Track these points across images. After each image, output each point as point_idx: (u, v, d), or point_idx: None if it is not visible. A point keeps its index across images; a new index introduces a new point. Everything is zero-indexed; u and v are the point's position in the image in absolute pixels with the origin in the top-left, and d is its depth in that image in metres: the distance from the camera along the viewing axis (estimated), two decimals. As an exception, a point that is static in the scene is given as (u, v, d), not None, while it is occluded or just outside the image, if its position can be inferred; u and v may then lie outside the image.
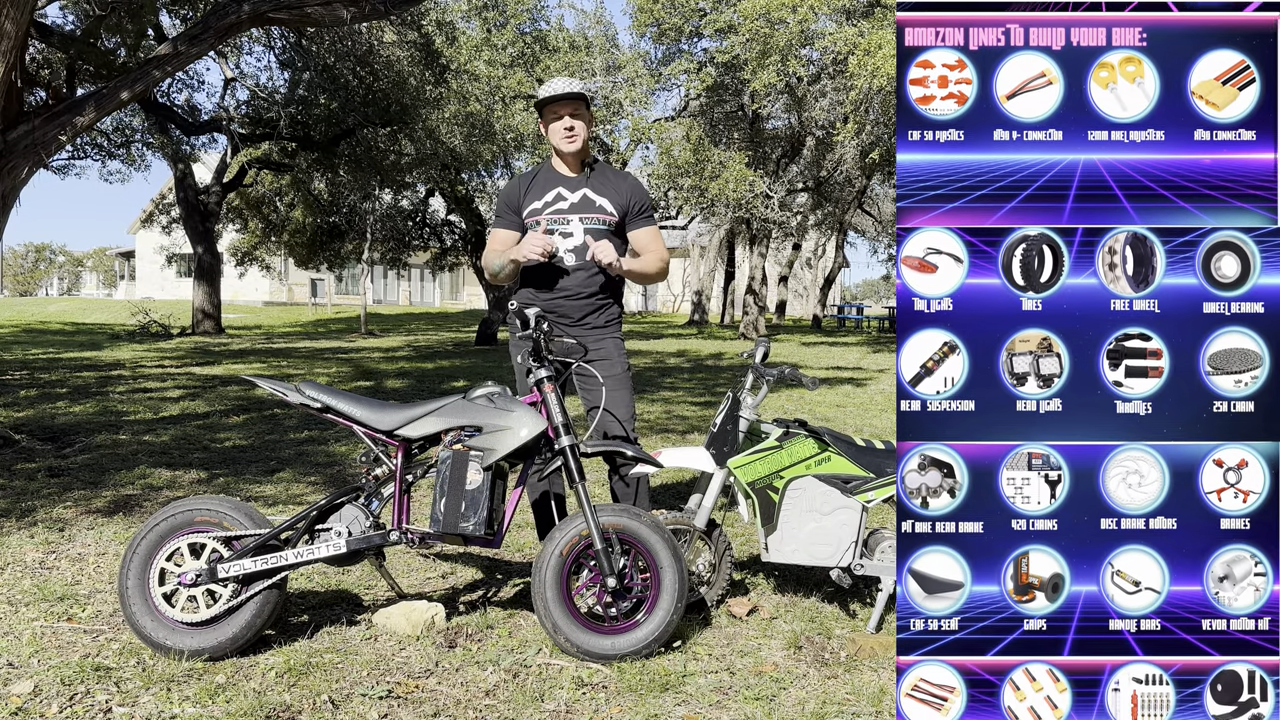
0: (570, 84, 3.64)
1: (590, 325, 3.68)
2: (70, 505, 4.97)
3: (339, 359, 14.71)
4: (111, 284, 61.47)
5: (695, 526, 3.56)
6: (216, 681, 2.85)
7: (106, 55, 10.40)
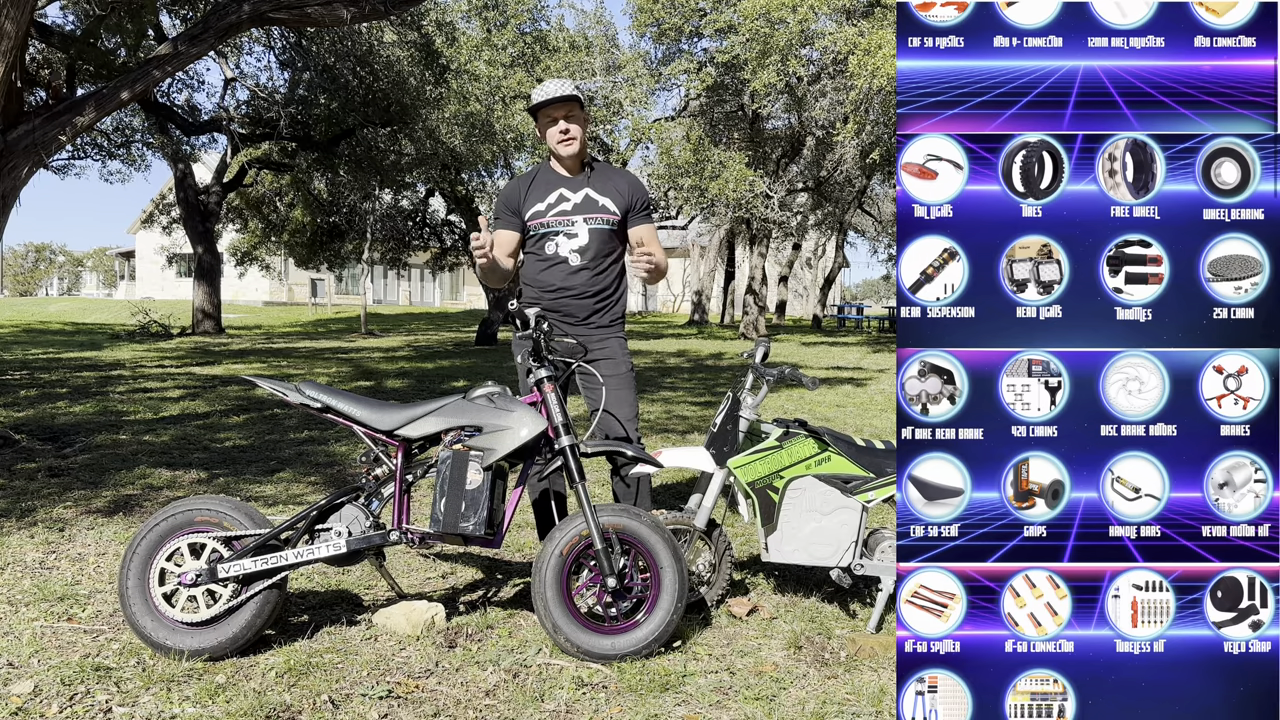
0: (563, 86, 3.62)
1: (594, 324, 3.69)
2: (70, 505, 4.97)
3: (339, 359, 14.71)
4: (111, 284, 61.46)
5: (695, 526, 3.56)
6: (216, 681, 2.85)
7: (106, 55, 10.41)
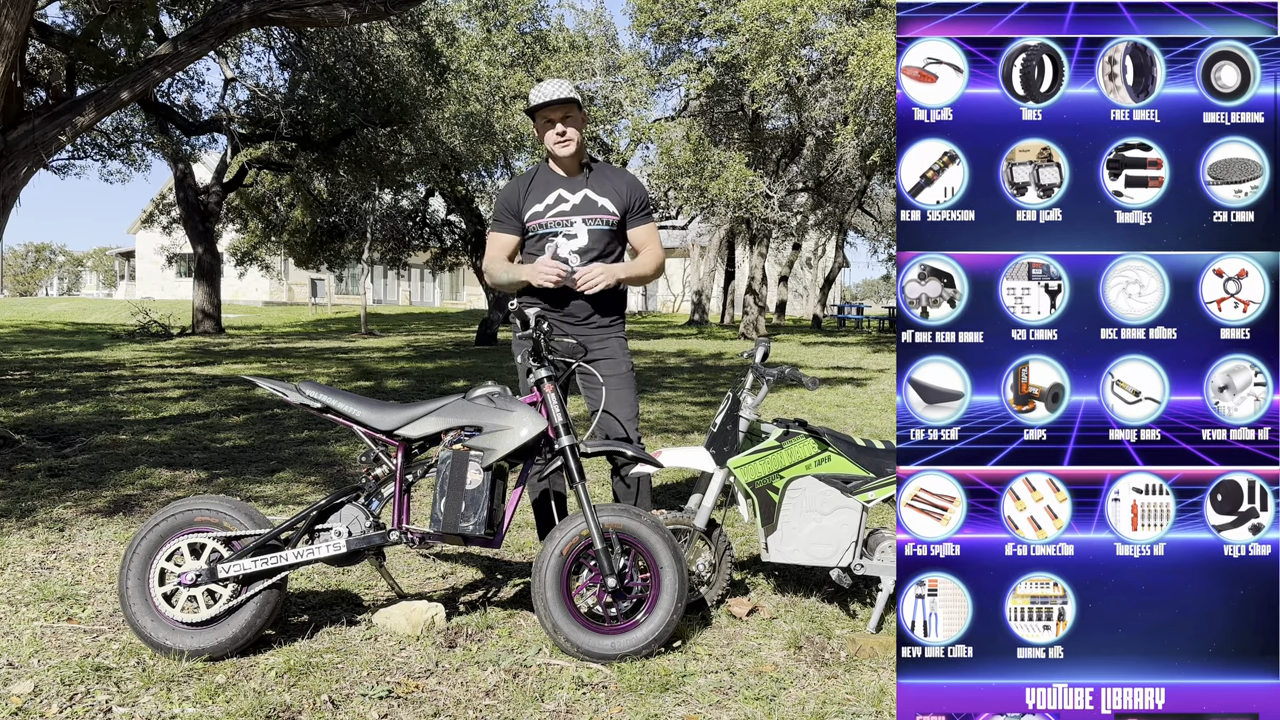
0: (560, 88, 3.60)
1: (595, 324, 3.68)
2: (70, 505, 4.97)
3: (339, 359, 14.71)
4: (111, 284, 61.45)
5: (695, 526, 3.56)
6: (216, 681, 2.85)
7: (106, 55, 10.41)
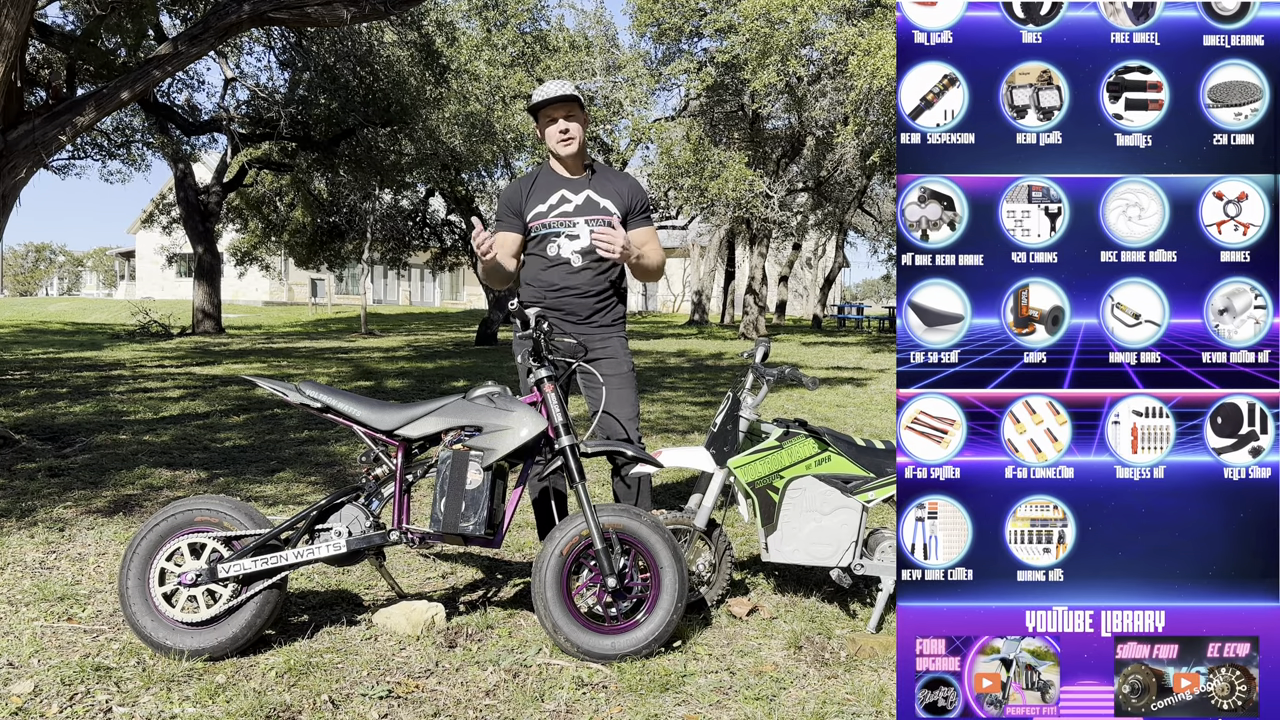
0: (562, 86, 3.63)
1: (596, 324, 3.69)
2: (70, 505, 4.97)
3: (339, 359, 14.71)
4: (111, 284, 61.44)
5: (695, 526, 3.56)
6: (216, 681, 2.86)
7: (107, 55, 10.41)
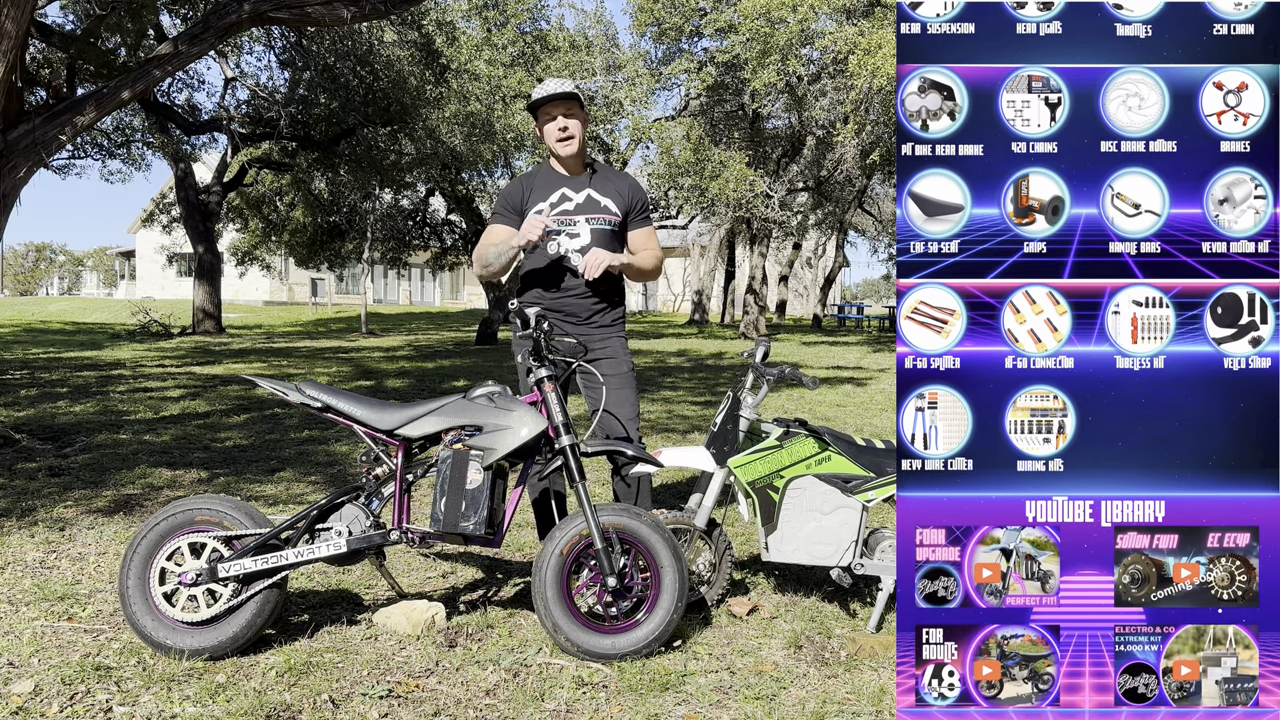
0: (562, 84, 3.62)
1: (597, 324, 3.69)
2: (71, 505, 4.97)
3: (339, 358, 14.71)
4: (112, 283, 61.43)
5: (695, 526, 3.56)
6: (217, 681, 2.86)
7: (107, 55, 10.41)
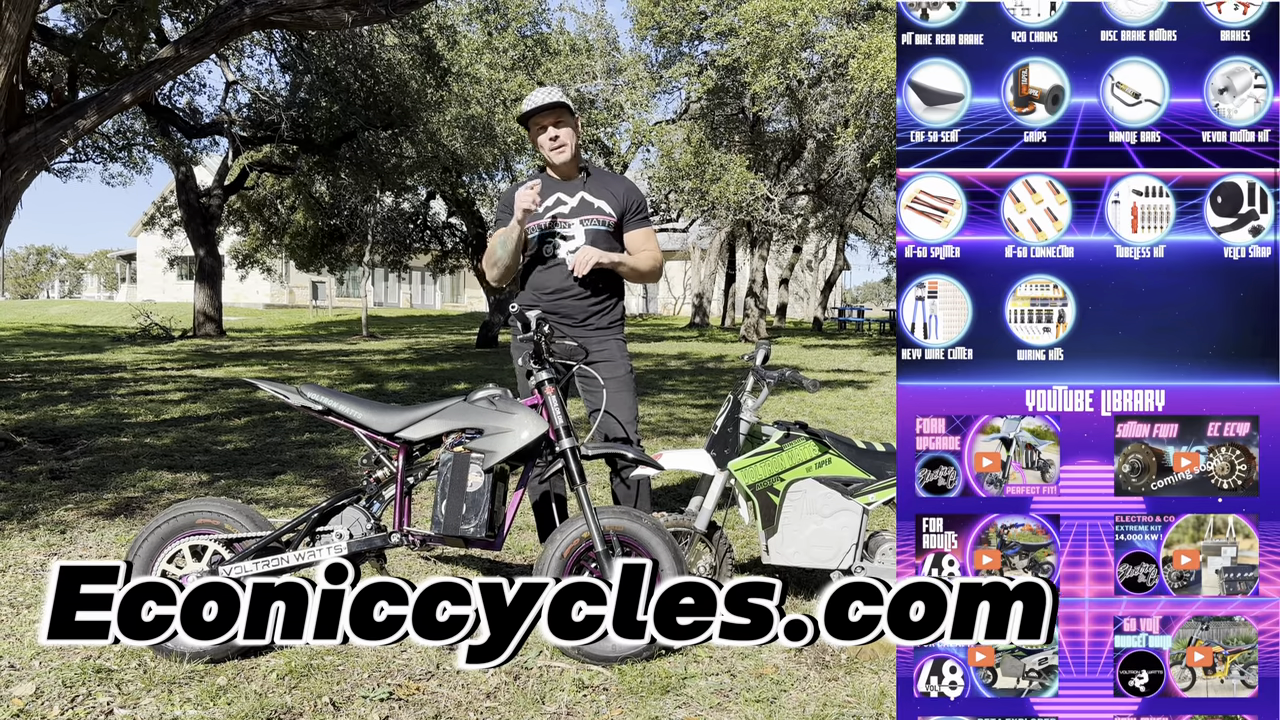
0: (549, 94, 3.63)
1: (594, 326, 3.69)
2: (72, 508, 4.97)
3: (340, 361, 14.72)
4: (113, 286, 61.46)
5: (696, 529, 3.57)
6: (218, 683, 2.86)
7: (108, 58, 10.43)
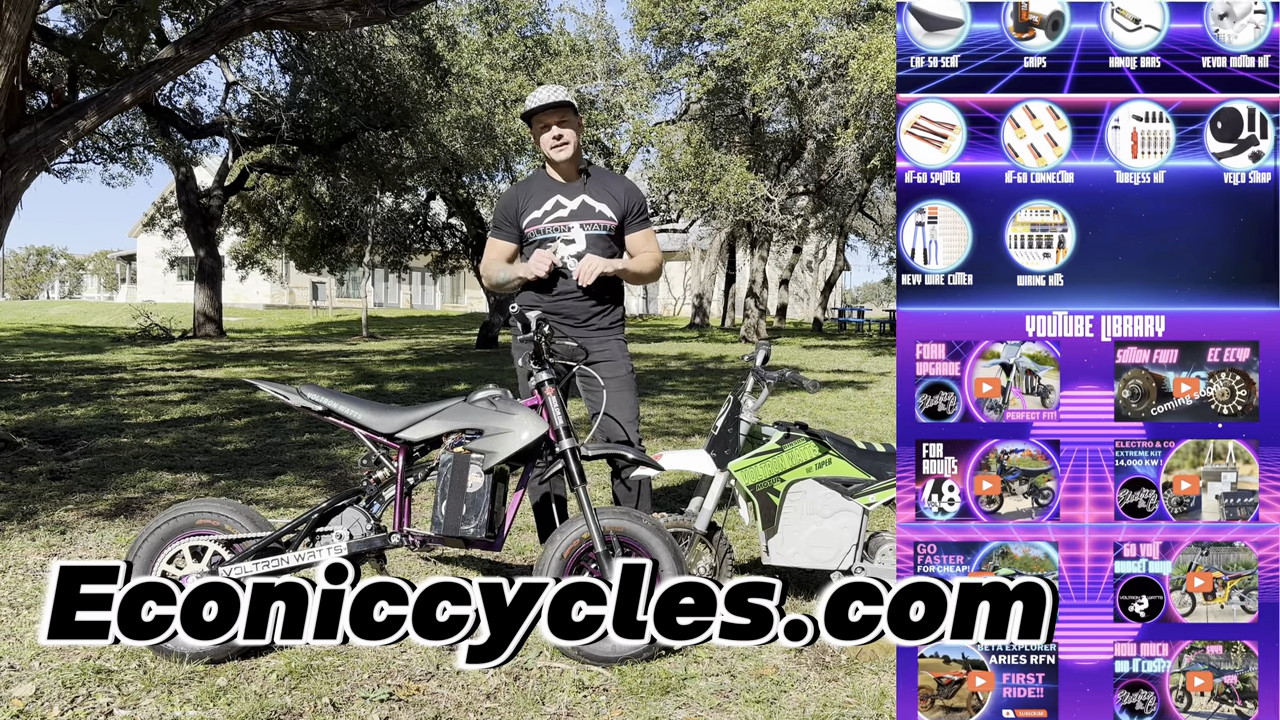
0: (554, 93, 3.63)
1: (595, 327, 3.70)
2: (72, 508, 4.97)
3: (340, 362, 14.72)
4: (113, 287, 61.46)
5: (696, 529, 3.57)
6: (218, 684, 2.86)
7: (108, 59, 10.43)
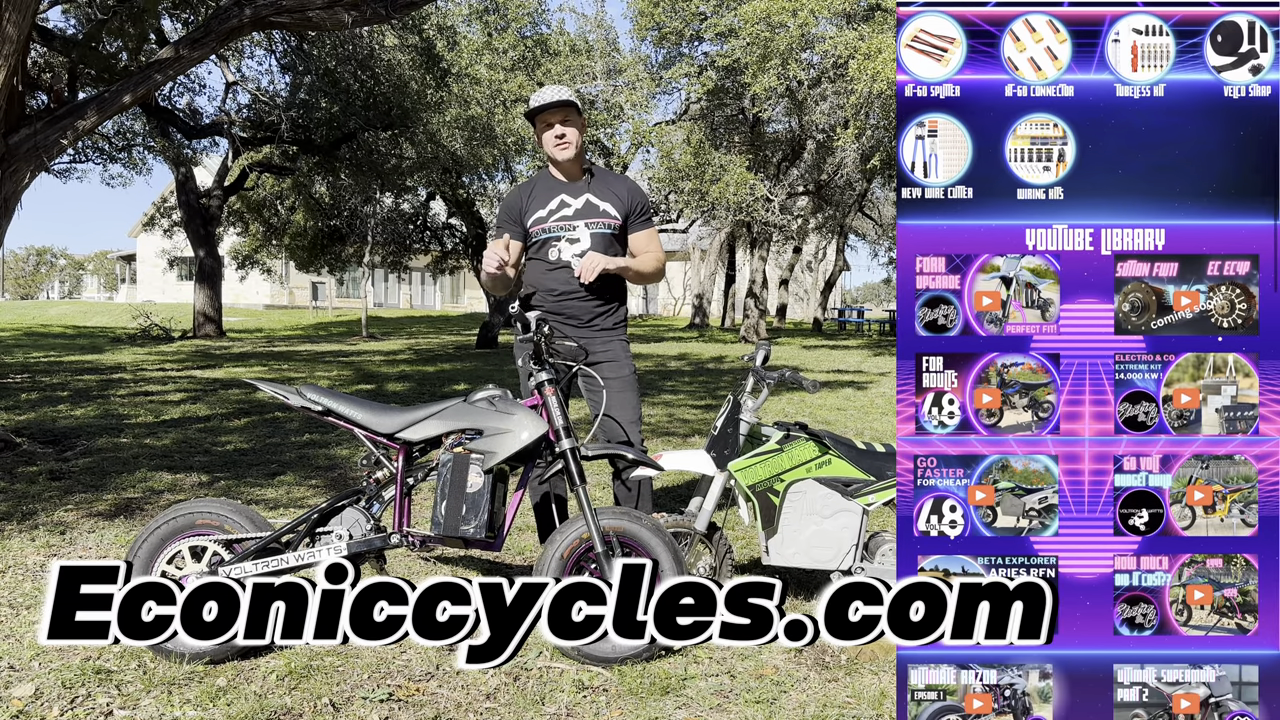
0: (558, 92, 3.64)
1: (598, 327, 3.70)
2: (72, 508, 4.97)
3: (340, 362, 14.72)
4: (112, 287, 61.47)
5: (696, 529, 3.57)
6: (217, 684, 2.86)
7: (108, 59, 10.42)
